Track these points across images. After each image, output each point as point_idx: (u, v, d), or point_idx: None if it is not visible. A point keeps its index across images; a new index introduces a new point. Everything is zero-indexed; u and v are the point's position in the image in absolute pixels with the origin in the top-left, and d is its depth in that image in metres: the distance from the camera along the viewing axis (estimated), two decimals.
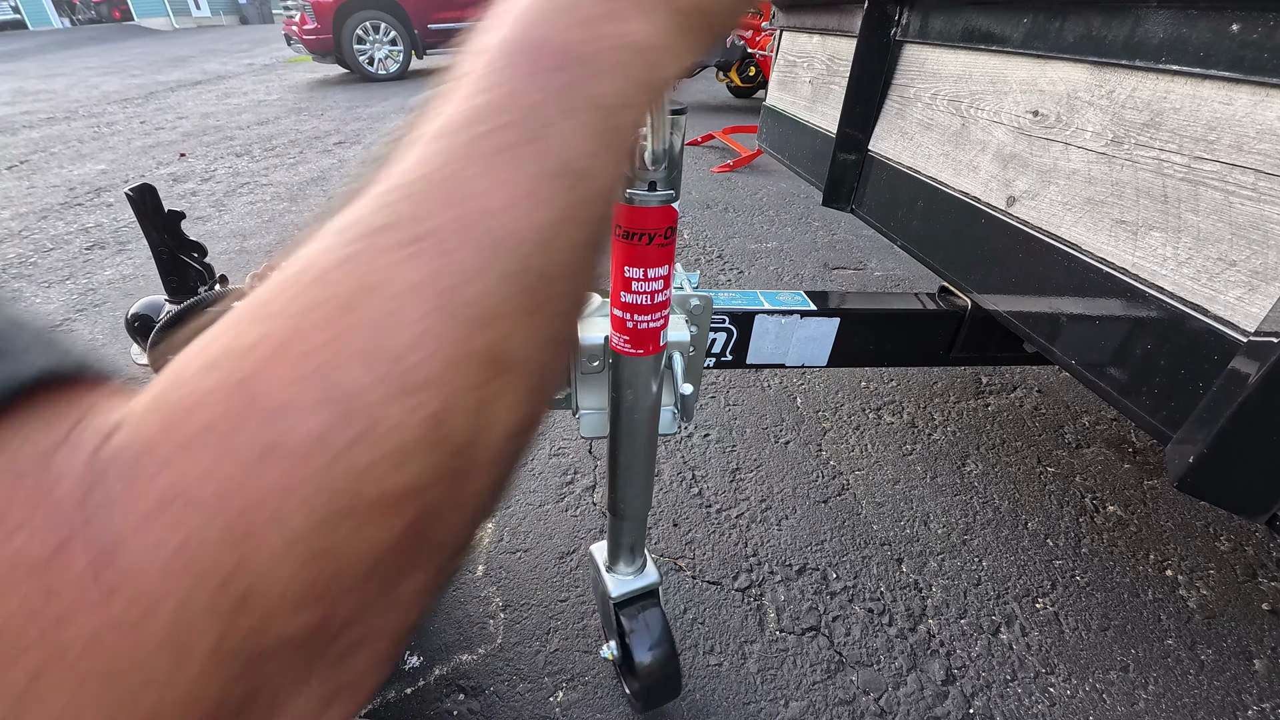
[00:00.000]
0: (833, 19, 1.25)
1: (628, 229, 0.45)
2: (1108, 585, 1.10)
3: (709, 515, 1.23)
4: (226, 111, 5.48)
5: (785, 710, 0.90)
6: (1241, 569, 1.13)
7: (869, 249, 2.54)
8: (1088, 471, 1.36)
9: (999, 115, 0.81)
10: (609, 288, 0.52)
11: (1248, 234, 0.50)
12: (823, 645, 0.99)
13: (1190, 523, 1.23)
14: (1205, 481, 0.51)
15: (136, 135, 4.55)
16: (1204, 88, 0.54)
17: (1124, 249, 0.62)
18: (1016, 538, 1.19)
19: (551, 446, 1.42)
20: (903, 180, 1.03)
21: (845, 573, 1.11)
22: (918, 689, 0.93)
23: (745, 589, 1.08)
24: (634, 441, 0.61)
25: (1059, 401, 1.59)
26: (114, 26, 21.18)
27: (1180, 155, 0.56)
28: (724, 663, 0.96)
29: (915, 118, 1.01)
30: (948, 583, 1.10)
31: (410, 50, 7.30)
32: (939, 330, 0.98)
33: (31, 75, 8.73)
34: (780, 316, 0.93)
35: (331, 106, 5.63)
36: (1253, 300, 0.50)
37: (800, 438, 1.45)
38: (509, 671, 0.94)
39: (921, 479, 1.33)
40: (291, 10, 7.22)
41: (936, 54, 0.95)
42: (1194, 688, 0.94)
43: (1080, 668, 0.96)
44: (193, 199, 3.15)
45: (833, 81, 1.28)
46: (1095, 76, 0.66)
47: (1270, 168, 0.48)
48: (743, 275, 2.31)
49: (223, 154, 4.01)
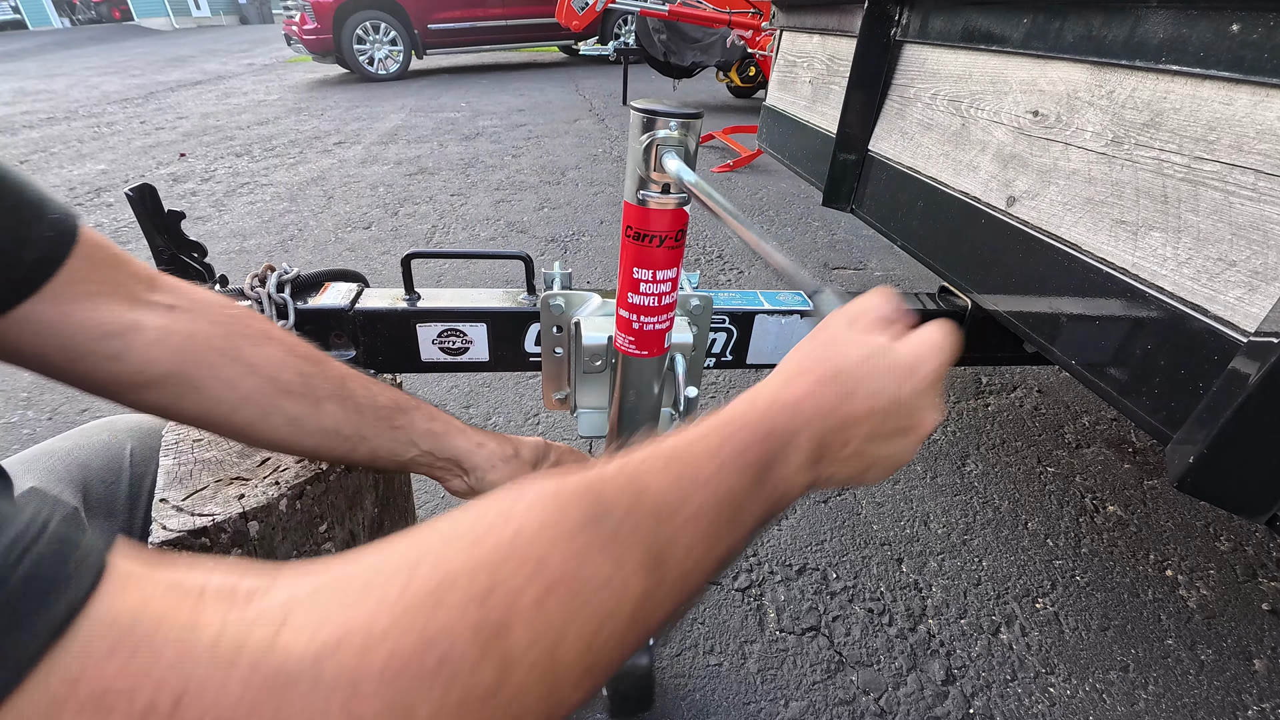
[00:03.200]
0: (833, 19, 1.25)
1: (638, 230, 0.45)
2: (1108, 585, 1.10)
3: None
4: (226, 111, 5.48)
5: (785, 710, 0.90)
6: (1241, 569, 1.13)
7: (869, 249, 2.54)
8: (1088, 471, 1.36)
9: (999, 115, 0.81)
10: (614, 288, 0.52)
11: (1248, 234, 0.50)
12: (823, 645, 0.99)
13: (1190, 523, 1.23)
14: (1205, 481, 0.51)
15: (136, 135, 4.55)
16: (1204, 88, 0.54)
17: (1124, 249, 0.62)
18: (1016, 538, 1.19)
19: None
20: (903, 180, 1.03)
21: (845, 573, 1.11)
22: (918, 689, 0.93)
23: (745, 589, 1.08)
24: (634, 442, 0.61)
25: (1059, 401, 1.59)
26: (114, 26, 21.18)
27: (1180, 155, 0.56)
28: (724, 663, 0.96)
29: (915, 118, 1.01)
30: (948, 583, 1.10)
31: (410, 50, 7.29)
32: None
33: (32, 75, 8.73)
34: (780, 316, 0.93)
35: (331, 106, 5.63)
36: (1253, 300, 0.50)
37: None
38: None
39: (921, 479, 1.33)
40: (291, 10, 7.22)
41: (936, 54, 0.95)
42: (1194, 688, 0.94)
43: (1080, 668, 0.96)
44: (193, 199, 3.15)
45: (833, 81, 1.28)
46: (1095, 76, 0.66)
47: (1270, 168, 0.48)
48: (743, 275, 2.32)
49: (223, 154, 4.01)
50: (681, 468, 0.31)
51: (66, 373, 0.46)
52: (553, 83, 6.95)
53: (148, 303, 0.48)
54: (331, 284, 0.86)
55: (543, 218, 2.85)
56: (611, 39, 7.61)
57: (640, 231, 0.45)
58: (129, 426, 0.71)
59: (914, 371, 0.34)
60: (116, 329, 0.46)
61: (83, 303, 0.44)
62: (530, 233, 2.71)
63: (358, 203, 3.05)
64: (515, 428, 1.48)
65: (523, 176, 3.47)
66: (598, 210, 2.94)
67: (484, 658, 0.22)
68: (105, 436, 0.68)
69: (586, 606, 0.24)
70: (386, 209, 2.97)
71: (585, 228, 2.74)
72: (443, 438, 0.60)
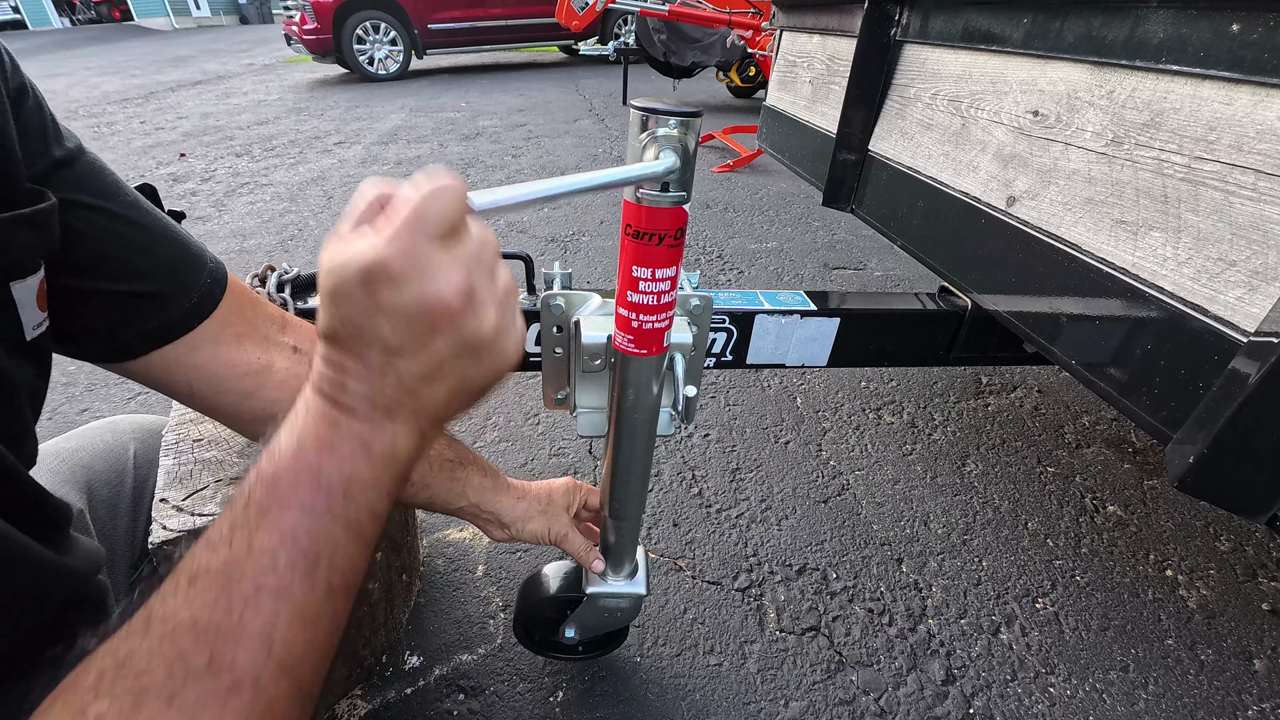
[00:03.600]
0: (833, 19, 1.25)
1: (638, 229, 0.45)
2: (1108, 585, 1.10)
3: (709, 515, 1.23)
4: (226, 111, 5.48)
5: (785, 710, 0.90)
6: (1241, 569, 1.13)
7: (869, 249, 2.54)
8: (1088, 471, 1.36)
9: (999, 115, 0.81)
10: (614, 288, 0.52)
11: (1248, 234, 0.50)
12: (823, 645, 0.99)
13: (1190, 523, 1.23)
14: (1205, 481, 0.51)
15: (136, 135, 4.55)
16: (1204, 88, 0.54)
17: (1124, 249, 0.62)
18: (1016, 538, 1.19)
19: (552, 446, 1.42)
20: (903, 180, 1.03)
21: (845, 573, 1.11)
22: (918, 689, 0.93)
23: (745, 589, 1.08)
24: (633, 441, 0.61)
25: (1059, 401, 1.59)
26: (114, 26, 21.17)
27: (1180, 155, 0.56)
28: (724, 663, 0.96)
29: (915, 118, 1.01)
30: (948, 583, 1.10)
31: (410, 50, 7.29)
32: (939, 330, 0.98)
33: (32, 75, 8.66)
34: (780, 316, 0.93)
35: (331, 106, 5.63)
36: (1253, 300, 0.50)
37: (800, 438, 1.45)
38: (509, 671, 0.94)
39: (921, 479, 1.33)
40: (291, 10, 7.22)
41: (936, 54, 0.95)
42: (1194, 688, 0.94)
43: (1080, 668, 0.96)
44: (193, 199, 3.15)
45: (833, 81, 1.28)
46: (1095, 76, 0.66)
47: (1270, 168, 0.48)
48: (743, 275, 2.31)
49: (223, 154, 4.01)
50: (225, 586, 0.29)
51: (207, 404, 0.52)
52: (553, 83, 6.95)
53: (278, 344, 0.53)
54: None
55: (543, 218, 2.85)
56: (611, 39, 7.61)
57: (640, 230, 0.45)
58: (132, 427, 0.72)
59: (367, 268, 0.26)
60: (253, 369, 0.51)
61: (229, 344, 0.50)
62: (530, 233, 2.71)
63: None
64: (515, 427, 1.48)
65: (523, 176, 3.47)
66: (597, 210, 2.94)
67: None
68: (109, 438, 0.68)
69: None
70: None
71: (585, 228, 2.74)
72: (490, 493, 0.68)
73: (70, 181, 0.42)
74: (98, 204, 0.44)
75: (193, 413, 0.74)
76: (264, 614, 0.27)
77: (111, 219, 0.45)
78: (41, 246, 0.38)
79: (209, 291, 0.49)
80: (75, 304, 0.43)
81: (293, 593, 0.28)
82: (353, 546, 0.30)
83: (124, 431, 0.70)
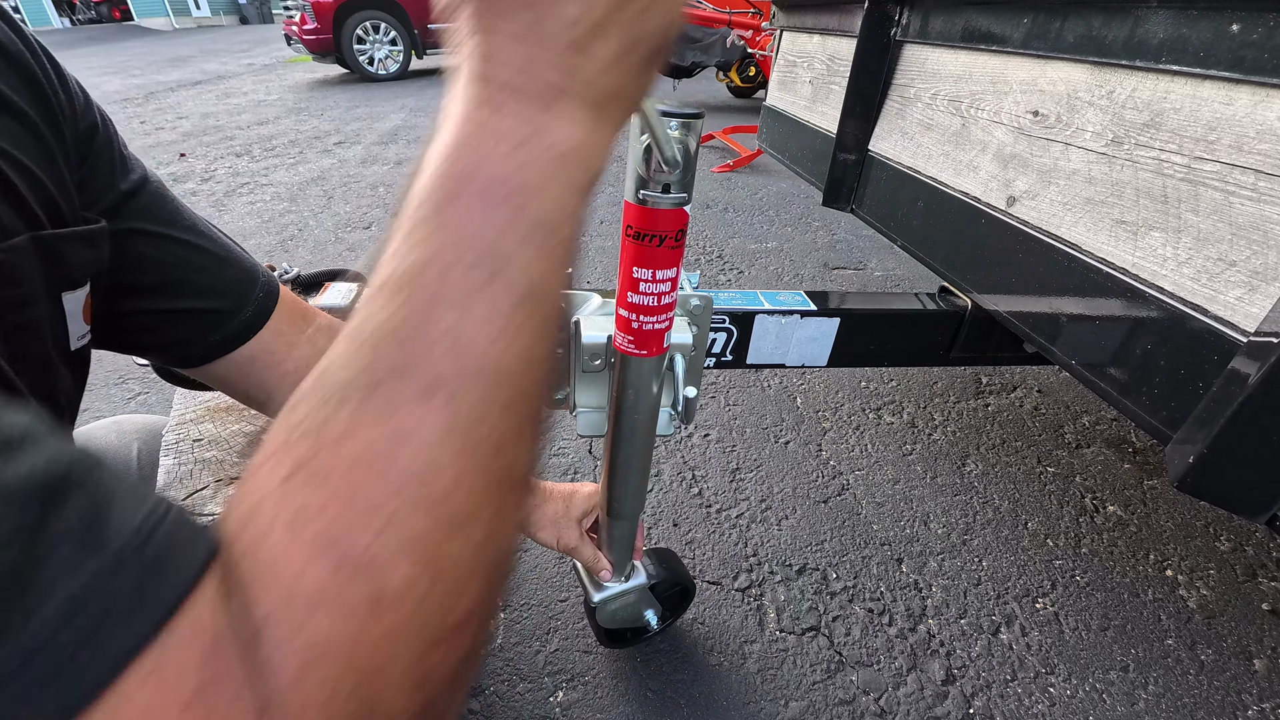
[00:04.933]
0: (833, 19, 1.25)
1: (639, 230, 0.45)
2: (1108, 585, 1.10)
3: (709, 515, 1.23)
4: (226, 111, 5.48)
5: (785, 710, 0.90)
6: (1241, 569, 1.13)
7: (869, 249, 2.54)
8: (1088, 471, 1.36)
9: (999, 115, 0.81)
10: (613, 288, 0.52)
11: (1248, 234, 0.50)
12: (823, 645, 0.99)
13: (1190, 523, 1.23)
14: (1205, 481, 0.51)
15: (136, 135, 4.55)
16: (1204, 88, 0.54)
17: (1124, 249, 0.62)
18: (1016, 538, 1.19)
19: (551, 445, 1.42)
20: (903, 180, 1.03)
21: (845, 573, 1.11)
22: (918, 689, 0.93)
23: (745, 589, 1.08)
24: (633, 441, 0.61)
25: (1059, 401, 1.59)
26: (114, 26, 21.17)
27: (1180, 155, 0.56)
28: (724, 663, 0.96)
29: (915, 118, 1.01)
30: (948, 583, 1.10)
31: (410, 50, 7.29)
32: (939, 330, 0.98)
33: None
34: (780, 316, 0.93)
35: (331, 106, 5.63)
36: (1253, 300, 0.50)
37: (800, 438, 1.45)
38: (509, 671, 0.94)
39: (921, 479, 1.33)
40: (291, 10, 7.22)
41: (937, 54, 0.95)
42: (1194, 688, 0.94)
43: (1080, 668, 0.96)
44: (193, 199, 3.15)
45: (833, 81, 1.29)
46: (1095, 76, 0.66)
47: (1270, 168, 0.48)
48: (743, 275, 2.31)
49: (223, 154, 4.01)
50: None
51: (263, 405, 0.56)
52: None
53: (324, 350, 0.56)
54: (332, 284, 0.86)
55: None
56: None
57: (640, 231, 0.45)
58: (135, 427, 0.72)
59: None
60: (303, 373, 0.53)
61: (282, 351, 0.55)
62: None
63: (358, 203, 3.05)
64: None
65: None
66: (597, 210, 2.94)
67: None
68: (113, 437, 0.69)
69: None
70: (387, 209, 2.97)
71: (585, 227, 2.74)
72: None
73: (136, 211, 0.47)
74: (162, 231, 0.49)
75: (193, 413, 0.75)
76: (447, 320, 0.23)
77: (175, 244, 0.49)
78: (92, 264, 0.42)
79: (262, 305, 0.54)
80: (144, 321, 0.49)
81: (475, 301, 0.23)
82: (530, 254, 0.25)
83: (127, 431, 0.70)
